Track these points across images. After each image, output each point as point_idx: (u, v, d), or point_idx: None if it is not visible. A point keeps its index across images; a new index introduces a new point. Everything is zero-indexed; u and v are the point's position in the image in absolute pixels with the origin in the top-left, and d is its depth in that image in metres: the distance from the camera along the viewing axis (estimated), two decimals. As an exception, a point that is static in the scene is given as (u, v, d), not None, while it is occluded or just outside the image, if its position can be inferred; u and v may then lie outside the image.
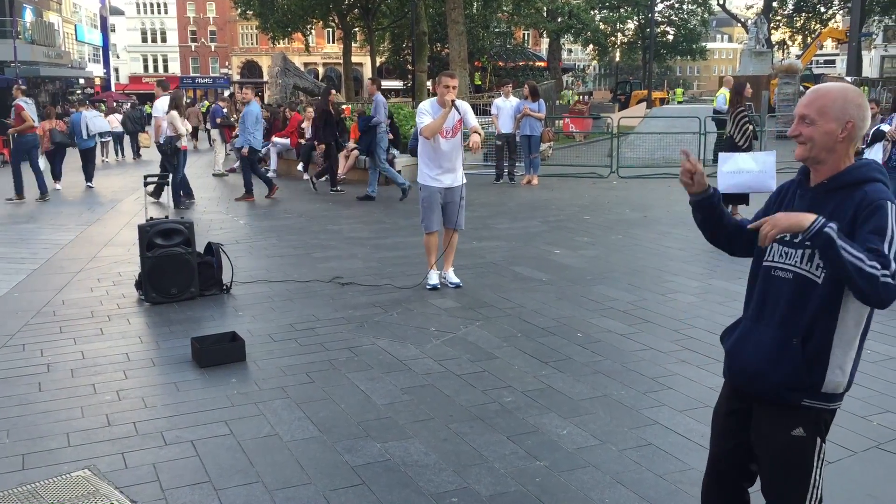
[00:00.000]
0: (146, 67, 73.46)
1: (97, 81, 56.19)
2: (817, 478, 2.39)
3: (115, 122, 23.09)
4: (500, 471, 3.67)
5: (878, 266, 2.09)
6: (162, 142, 12.23)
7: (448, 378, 4.87)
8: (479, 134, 6.75)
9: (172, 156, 12.41)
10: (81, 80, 52.17)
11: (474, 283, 7.16)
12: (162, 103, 12.49)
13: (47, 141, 14.63)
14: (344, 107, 14.53)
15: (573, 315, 6.17)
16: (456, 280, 7.09)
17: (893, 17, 40.75)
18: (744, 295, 2.57)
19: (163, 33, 73.37)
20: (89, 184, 15.61)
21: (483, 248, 8.74)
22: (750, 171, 7.62)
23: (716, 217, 2.57)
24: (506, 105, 14.64)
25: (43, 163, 14.12)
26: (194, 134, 29.20)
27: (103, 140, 20.32)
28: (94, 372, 5.04)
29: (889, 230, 2.16)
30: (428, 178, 6.90)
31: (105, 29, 59.67)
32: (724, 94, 17.59)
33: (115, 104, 34.28)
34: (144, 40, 73.57)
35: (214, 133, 18.35)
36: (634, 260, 8.16)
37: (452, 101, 6.70)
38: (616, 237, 9.46)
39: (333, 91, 13.57)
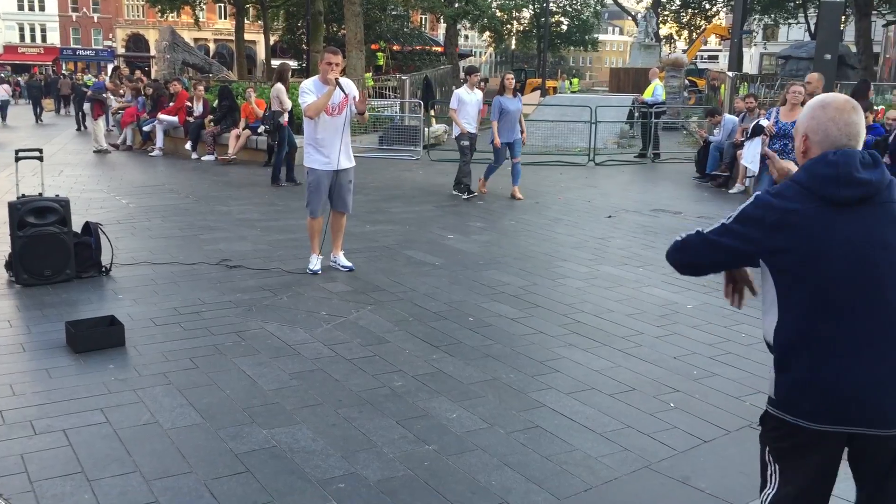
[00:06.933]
0: (22, 37, 69.11)
1: (-33, 50, 52.62)
2: (768, 493, 2.32)
3: (2, 92, 26.33)
4: (388, 455, 3.64)
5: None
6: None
7: (338, 363, 4.80)
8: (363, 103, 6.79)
9: (275, 131, 12.43)
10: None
11: (367, 267, 7.10)
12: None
13: None
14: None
15: (465, 299, 6.20)
16: (348, 263, 7.00)
17: (773, 16, 42.80)
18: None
19: (41, 1, 69.28)
20: None
21: (376, 232, 8.67)
22: None
23: None
24: (471, 98, 11.39)
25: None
26: (66, 103, 29.58)
27: None
28: (-44, 358, 4.72)
29: (735, 211, 2.31)
30: (315, 161, 6.76)
31: (-24, -6, 55.88)
32: (659, 85, 17.85)
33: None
34: (21, 8, 69.07)
35: (87, 107, 17.58)
36: (526, 245, 8.28)
37: (336, 79, 6.57)
38: (509, 223, 9.58)
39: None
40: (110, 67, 39.76)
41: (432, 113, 20.32)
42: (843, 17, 23.17)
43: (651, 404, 4.30)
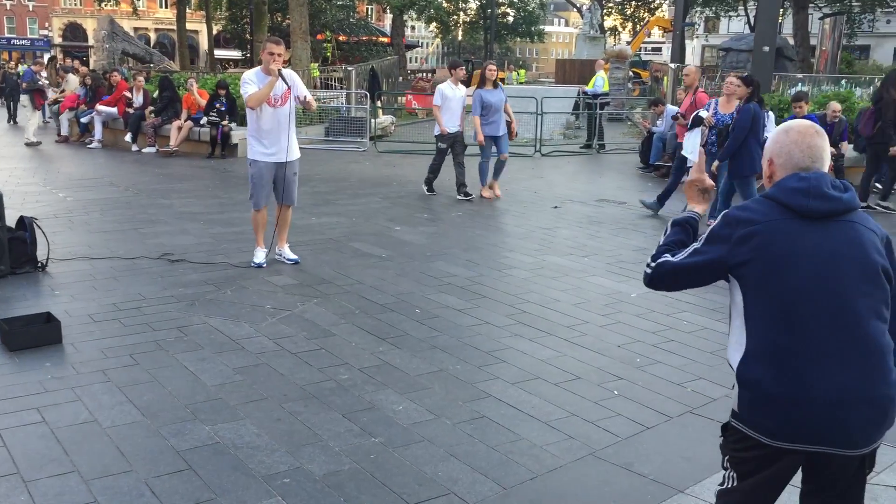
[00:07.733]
0: (-48, 25, 66.78)
1: None
2: (721, 489, 2.36)
3: None
4: (334, 449, 3.62)
5: (650, 257, 2.47)
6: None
7: (283, 357, 4.75)
8: (312, 100, 6.71)
9: None
10: None
11: (313, 260, 7.04)
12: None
13: None
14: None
15: (412, 291, 6.19)
16: (293, 256, 6.93)
17: (714, 8, 43.52)
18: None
19: (-28, -12, 66.85)
20: None
21: (322, 225, 8.60)
22: None
23: None
24: (455, 94, 10.56)
25: None
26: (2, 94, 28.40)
27: None
28: None
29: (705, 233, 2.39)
30: (258, 153, 6.67)
31: None
32: (602, 76, 18.12)
33: None
34: (-50, -5, 66.79)
35: (24, 99, 16.85)
36: (472, 236, 8.30)
37: (279, 70, 6.49)
38: (455, 214, 9.58)
39: None
40: (46, 57, 38.58)
41: (379, 104, 20.21)
42: (782, 10, 23.68)
43: (595, 392, 4.35)
